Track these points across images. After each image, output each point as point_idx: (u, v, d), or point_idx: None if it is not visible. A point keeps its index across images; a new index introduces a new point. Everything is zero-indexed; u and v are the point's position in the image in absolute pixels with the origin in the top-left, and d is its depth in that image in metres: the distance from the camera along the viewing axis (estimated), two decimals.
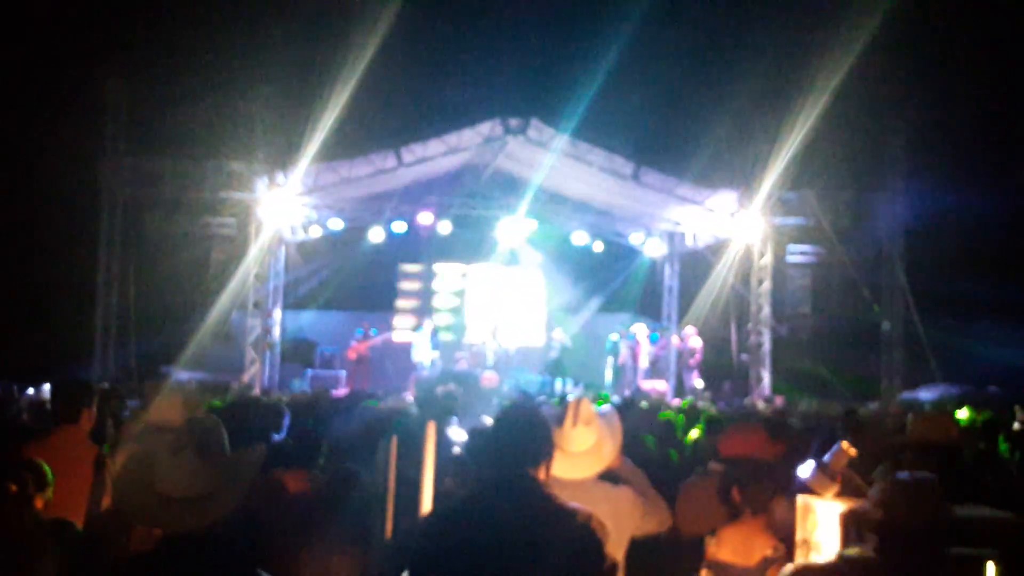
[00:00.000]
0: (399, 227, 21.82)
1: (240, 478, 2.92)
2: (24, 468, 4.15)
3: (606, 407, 4.15)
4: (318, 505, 4.05)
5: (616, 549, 3.47)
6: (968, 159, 19.96)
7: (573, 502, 3.12)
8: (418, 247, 23.53)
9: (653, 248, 23.92)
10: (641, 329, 21.72)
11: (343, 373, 20.18)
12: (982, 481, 4.99)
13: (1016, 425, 10.03)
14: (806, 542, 3.20)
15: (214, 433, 2.97)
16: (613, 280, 24.75)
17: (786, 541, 3.52)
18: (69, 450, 4.86)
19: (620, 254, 24.31)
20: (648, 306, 24.18)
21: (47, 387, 10.08)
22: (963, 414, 11.68)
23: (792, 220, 19.83)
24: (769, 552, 3.69)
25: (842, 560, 2.82)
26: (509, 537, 2.97)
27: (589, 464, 3.81)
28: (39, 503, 4.08)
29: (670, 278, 24.03)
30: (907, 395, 18.62)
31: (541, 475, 3.18)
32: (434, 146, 19.15)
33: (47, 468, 4.22)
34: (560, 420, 3.80)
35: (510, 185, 21.64)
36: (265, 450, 3.13)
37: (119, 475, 2.99)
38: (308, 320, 23.07)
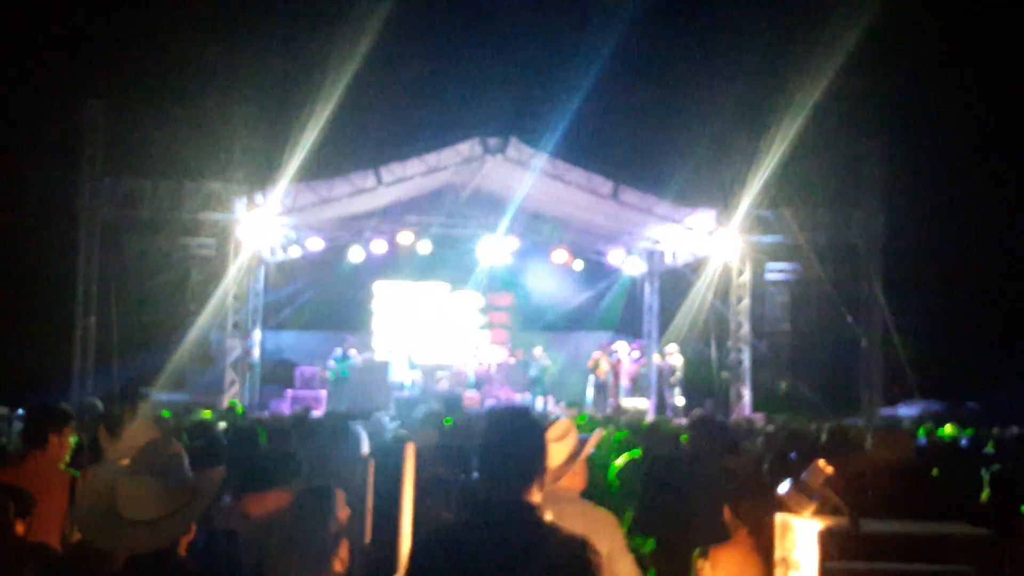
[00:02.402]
0: (378, 247, 21.81)
1: (199, 499, 2.93)
2: (5, 493, 4.13)
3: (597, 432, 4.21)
4: (295, 523, 4.03)
5: None
6: (944, 177, 20.12)
7: (552, 519, 3.07)
8: (397, 267, 23.50)
9: (633, 266, 23.98)
10: (622, 347, 21.76)
11: (323, 393, 20.11)
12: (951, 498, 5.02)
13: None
14: (785, 560, 3.21)
15: (172, 456, 2.97)
16: (593, 298, 24.82)
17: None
18: (40, 475, 4.83)
19: (600, 272, 24.38)
20: (629, 324, 24.22)
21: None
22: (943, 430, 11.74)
23: (770, 238, 19.93)
24: (763, 571, 3.67)
25: None
26: (500, 569, 2.85)
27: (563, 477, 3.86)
28: (20, 528, 4.05)
29: (650, 296, 24.09)
30: (887, 411, 18.70)
31: (535, 497, 2.99)
32: (413, 166, 19.14)
33: (29, 494, 4.20)
34: None
35: (489, 204, 21.65)
36: (224, 472, 3.14)
37: (81, 499, 3.00)
38: (288, 340, 23.01)
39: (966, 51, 20.11)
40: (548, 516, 3.00)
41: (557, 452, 3.81)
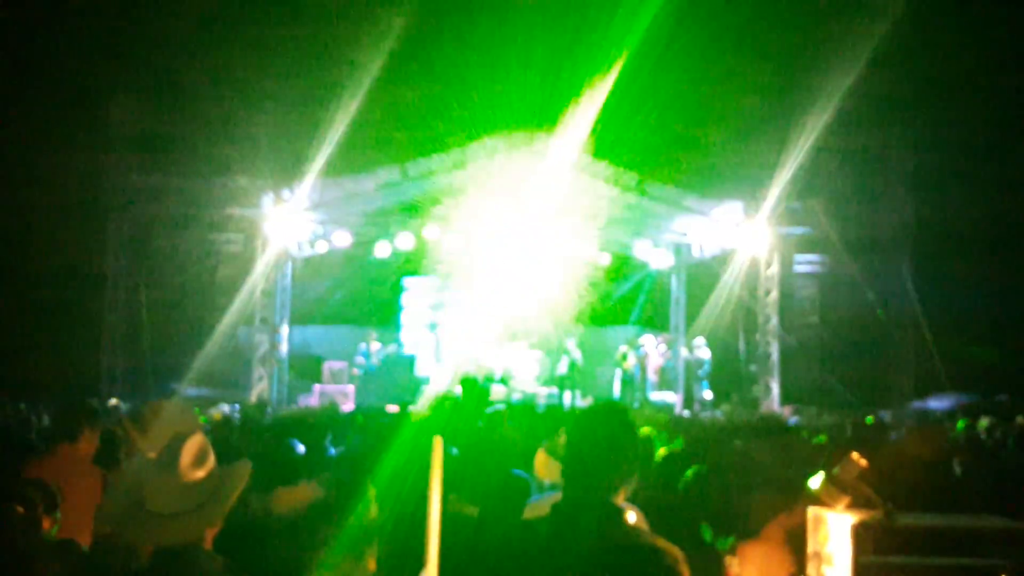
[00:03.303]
0: (405, 241, 21.82)
1: (227, 492, 2.93)
2: (33, 488, 4.13)
3: None
4: (326, 516, 4.04)
5: None
6: (974, 167, 19.94)
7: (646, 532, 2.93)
8: (424, 261, 23.51)
9: (659, 259, 23.89)
10: (649, 341, 21.69)
11: (351, 388, 20.16)
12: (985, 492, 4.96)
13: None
14: (817, 554, 3.17)
15: (201, 447, 2.97)
16: (620, 292, 24.73)
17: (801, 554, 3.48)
18: (71, 469, 4.82)
19: (626, 266, 24.29)
20: (655, 317, 24.14)
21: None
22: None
23: (798, 230, 19.81)
24: (794, 569, 3.62)
25: None
26: (579, 565, 2.71)
27: None
28: (46, 524, 4.05)
29: (677, 289, 23.98)
30: (917, 404, 18.56)
31: (621, 499, 2.88)
32: (439, 160, 19.18)
33: (56, 489, 4.20)
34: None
35: (515, 198, 21.62)
36: (251, 465, 3.13)
37: (109, 492, 3.01)
38: (315, 335, 23.07)
39: (996, 40, 19.90)
40: (632, 519, 2.93)
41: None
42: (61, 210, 18.80)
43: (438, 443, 3.52)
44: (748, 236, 19.50)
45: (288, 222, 18.78)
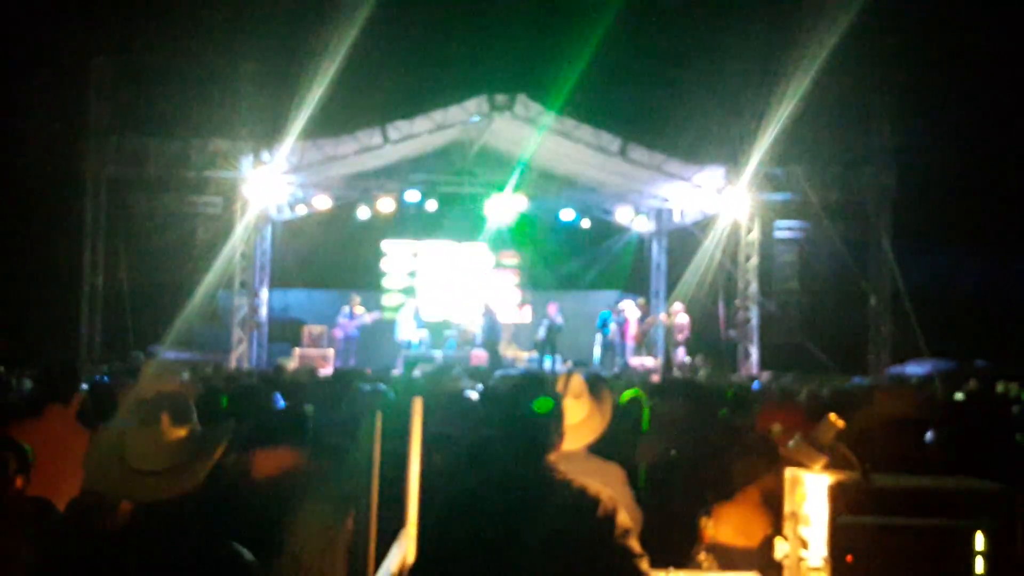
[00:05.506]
0: (385, 205, 21.73)
1: (209, 451, 2.93)
2: (5, 448, 4.11)
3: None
4: (304, 481, 4.03)
5: None
6: (955, 133, 19.97)
7: (576, 478, 3.06)
8: (404, 225, 23.43)
9: (641, 225, 23.89)
10: (629, 306, 21.71)
11: (331, 352, 20.14)
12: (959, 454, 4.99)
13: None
14: (794, 514, 3.19)
15: (183, 406, 2.97)
16: (601, 257, 24.73)
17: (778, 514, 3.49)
18: (61, 431, 4.82)
19: (608, 231, 24.28)
20: (636, 283, 24.17)
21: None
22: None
23: (779, 196, 19.84)
24: (769, 530, 3.64)
25: None
26: (519, 515, 2.90)
27: (578, 436, 3.79)
28: (18, 482, 4.04)
29: (658, 254, 24.03)
30: (895, 369, 18.67)
31: (551, 455, 3.11)
32: (420, 123, 19.08)
33: (28, 448, 4.18)
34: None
35: (497, 162, 21.56)
36: (234, 425, 3.13)
37: (90, 449, 3.00)
38: (295, 299, 23.01)
39: (978, 6, 19.89)
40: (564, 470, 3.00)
41: (572, 410, 3.75)
42: (39, 172, 18.63)
43: (417, 404, 3.51)
44: (729, 202, 19.52)
45: (268, 185, 18.69)
